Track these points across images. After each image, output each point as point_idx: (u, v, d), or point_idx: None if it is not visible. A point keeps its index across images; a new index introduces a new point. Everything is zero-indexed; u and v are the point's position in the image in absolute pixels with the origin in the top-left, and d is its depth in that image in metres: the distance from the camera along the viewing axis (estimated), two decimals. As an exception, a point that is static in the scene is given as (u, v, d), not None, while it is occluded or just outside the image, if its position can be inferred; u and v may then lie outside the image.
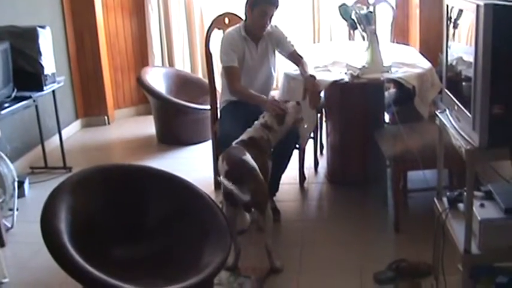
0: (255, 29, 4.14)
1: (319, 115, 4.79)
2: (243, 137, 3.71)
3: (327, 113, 4.78)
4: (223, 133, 4.12)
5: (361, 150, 4.56)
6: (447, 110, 2.84)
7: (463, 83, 2.62)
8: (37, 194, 4.79)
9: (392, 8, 5.62)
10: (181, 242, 3.09)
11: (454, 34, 2.73)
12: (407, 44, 5.84)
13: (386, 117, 4.81)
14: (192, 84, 6.36)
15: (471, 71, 2.37)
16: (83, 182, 3.07)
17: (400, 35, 6.11)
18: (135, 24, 6.79)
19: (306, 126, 4.18)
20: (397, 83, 4.26)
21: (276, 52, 4.33)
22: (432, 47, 5.25)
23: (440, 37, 5.21)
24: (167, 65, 6.88)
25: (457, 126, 2.62)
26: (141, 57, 6.86)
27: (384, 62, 4.18)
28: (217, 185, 4.55)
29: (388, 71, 4.15)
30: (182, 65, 6.95)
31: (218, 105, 4.51)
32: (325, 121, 4.92)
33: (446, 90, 2.79)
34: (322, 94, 4.17)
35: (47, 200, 2.84)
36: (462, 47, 2.65)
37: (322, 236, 4.01)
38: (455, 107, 2.60)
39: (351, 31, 4.50)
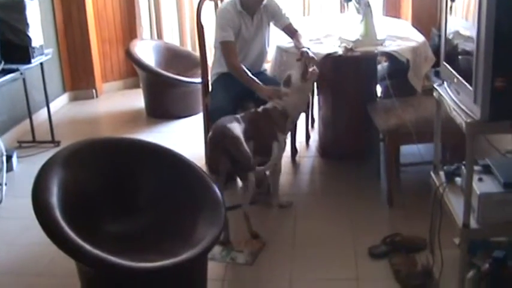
0: (252, 3, 4.07)
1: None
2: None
3: (319, 86, 4.72)
4: (214, 106, 4.07)
5: (353, 124, 4.52)
6: (445, 83, 2.80)
7: (460, 57, 2.57)
8: (25, 168, 4.74)
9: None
10: (175, 216, 3.05)
11: (451, 7, 2.67)
12: (399, 18, 5.79)
13: (379, 91, 4.75)
14: (182, 57, 6.28)
15: (469, 45, 2.33)
16: (74, 155, 3.01)
17: (392, 8, 6.06)
18: (123, -4, 6.69)
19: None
20: (390, 56, 4.21)
21: (271, 24, 4.25)
22: (425, 20, 5.22)
23: (432, 11, 5.29)
24: (156, 37, 6.79)
25: (456, 99, 2.58)
26: (129, 30, 6.77)
27: (377, 35, 4.13)
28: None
29: (381, 44, 4.10)
30: (171, 37, 6.87)
31: (209, 78, 4.44)
32: (317, 94, 4.87)
33: (445, 63, 2.74)
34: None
35: (38, 174, 2.78)
36: (459, 20, 2.60)
37: (315, 210, 3.98)
38: (455, 80, 2.56)
39: (344, 3, 4.44)
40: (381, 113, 3.95)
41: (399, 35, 4.32)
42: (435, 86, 2.86)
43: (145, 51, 6.02)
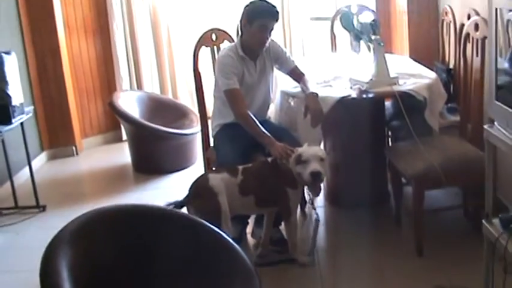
0: (254, 46, 3.79)
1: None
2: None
3: (325, 130, 4.42)
4: (222, 160, 3.76)
5: (366, 169, 4.24)
6: (496, 124, 2.54)
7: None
8: (9, 239, 4.35)
9: (376, 16, 5.33)
10: (200, 291, 2.71)
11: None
12: (392, 53, 5.57)
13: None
14: (166, 107, 5.99)
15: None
16: (82, 229, 2.65)
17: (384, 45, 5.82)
18: (99, 45, 6.38)
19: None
20: (394, 95, 3.95)
21: (275, 69, 3.98)
22: (423, 55, 4.99)
23: (430, 44, 5.09)
24: (135, 87, 6.48)
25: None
26: (108, 81, 6.45)
27: (390, 73, 3.87)
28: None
29: (395, 83, 3.84)
30: (151, 87, 6.56)
31: (210, 130, 4.13)
32: (323, 139, 4.57)
33: (497, 103, 2.48)
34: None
35: (44, 256, 2.41)
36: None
37: (340, 267, 3.66)
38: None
39: (354, 42, 4.18)
40: (405, 157, 3.68)
41: (409, 72, 4.09)
42: (486, 127, 2.59)
43: (129, 103, 5.70)
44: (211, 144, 4.12)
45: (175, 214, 2.93)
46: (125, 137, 6.17)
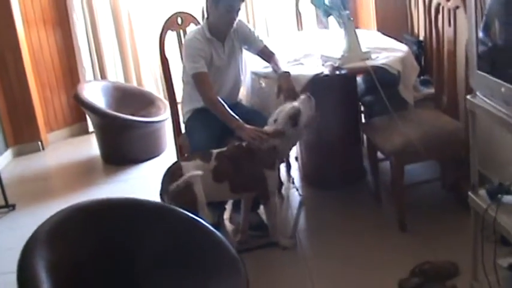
0: (222, 27, 3.68)
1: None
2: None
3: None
4: (195, 147, 3.65)
5: (341, 146, 4.18)
6: (479, 94, 2.48)
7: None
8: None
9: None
10: (185, 284, 2.62)
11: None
12: (359, 28, 5.50)
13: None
14: (132, 95, 5.85)
15: None
16: (58, 229, 2.53)
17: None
18: (60, 37, 6.19)
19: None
20: (365, 71, 3.89)
21: (243, 50, 3.88)
22: (391, 28, 4.90)
23: (399, 16, 5.02)
24: (99, 77, 6.32)
25: (506, 110, 2.25)
26: (71, 73, 6.28)
27: (362, 48, 3.80)
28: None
29: (368, 58, 3.77)
30: (115, 76, 6.41)
31: (181, 116, 4.03)
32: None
33: (480, 72, 2.41)
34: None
35: (20, 260, 2.31)
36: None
37: (324, 249, 3.59)
38: (502, 90, 2.23)
39: (323, 19, 4.11)
40: (382, 132, 3.62)
41: (381, 46, 4.02)
42: (468, 97, 2.53)
43: (94, 93, 5.54)
44: (183, 130, 4.01)
45: (152, 205, 2.83)
46: (91, 128, 6.03)
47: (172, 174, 3.33)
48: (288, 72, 3.65)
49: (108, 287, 2.58)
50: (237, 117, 3.54)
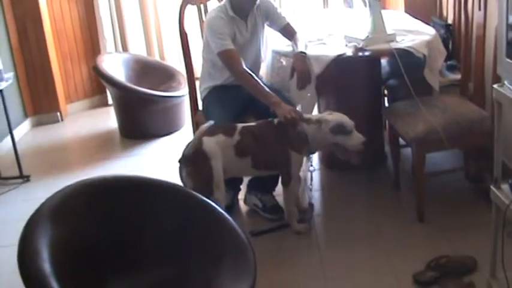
0: (245, 5, 3.57)
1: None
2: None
3: (319, 90, 4.23)
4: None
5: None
6: (507, 83, 2.35)
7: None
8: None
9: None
10: (192, 268, 2.54)
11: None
12: (386, 9, 5.34)
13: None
14: (153, 69, 5.76)
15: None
16: (64, 205, 2.47)
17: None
18: (82, 7, 6.08)
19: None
20: (389, 54, 3.75)
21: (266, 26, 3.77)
22: (419, 10, 4.75)
23: (426, -1, 4.86)
24: (121, 49, 6.23)
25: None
26: (92, 44, 6.18)
27: (387, 30, 3.66)
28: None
29: (393, 40, 3.64)
30: (137, 48, 6.31)
31: (198, 93, 3.93)
32: (318, 99, 4.38)
33: (509, 60, 2.28)
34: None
35: (23, 235, 2.24)
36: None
37: (338, 234, 3.50)
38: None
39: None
40: (404, 118, 3.49)
41: (407, 29, 3.87)
42: (495, 86, 2.40)
43: (114, 66, 5.46)
44: (200, 107, 3.92)
45: (161, 184, 2.74)
46: (110, 101, 5.94)
47: (192, 149, 3.28)
48: (304, 52, 3.54)
49: (113, 266, 2.51)
50: (271, 92, 3.44)
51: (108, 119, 5.81)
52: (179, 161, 3.32)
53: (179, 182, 3.79)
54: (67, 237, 2.38)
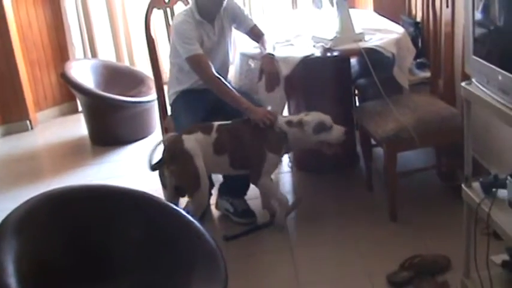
0: (211, 8, 3.53)
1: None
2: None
3: (289, 92, 4.19)
4: (181, 129, 3.50)
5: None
6: (474, 81, 2.33)
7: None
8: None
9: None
10: (161, 277, 2.50)
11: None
12: (354, 8, 5.32)
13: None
14: (122, 75, 5.67)
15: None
16: (29, 217, 2.41)
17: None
18: (49, 12, 5.97)
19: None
20: (358, 53, 3.73)
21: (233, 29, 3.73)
22: (388, 8, 4.73)
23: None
24: (90, 55, 6.15)
25: (502, 100, 2.10)
26: (60, 50, 6.08)
27: (355, 29, 3.64)
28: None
29: (361, 40, 3.62)
30: (106, 54, 6.23)
31: (166, 99, 3.89)
32: (287, 101, 4.34)
33: (476, 58, 2.26)
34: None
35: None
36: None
37: (311, 236, 3.47)
38: (499, 78, 2.08)
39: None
40: (374, 118, 3.48)
41: (376, 27, 3.86)
42: (463, 85, 2.38)
43: (83, 72, 5.38)
44: (169, 112, 3.87)
45: (128, 193, 2.70)
46: (81, 108, 5.86)
47: (173, 149, 3.29)
48: (272, 54, 3.52)
49: (81, 277, 2.46)
50: (243, 99, 3.43)
51: (78, 126, 5.73)
52: (159, 162, 3.32)
53: (151, 187, 3.76)
54: (33, 250, 2.33)
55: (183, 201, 3.47)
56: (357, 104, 4.39)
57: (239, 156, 3.35)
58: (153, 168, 3.34)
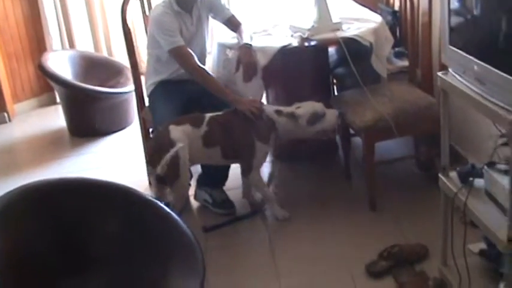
0: None
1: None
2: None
3: (267, 81, 4.18)
4: (159, 120, 3.49)
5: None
6: (451, 71, 2.34)
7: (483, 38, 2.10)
8: None
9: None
10: (140, 269, 2.49)
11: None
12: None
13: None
14: (100, 65, 5.62)
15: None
16: (6, 212, 2.40)
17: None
18: (25, 3, 5.87)
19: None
20: (336, 43, 3.72)
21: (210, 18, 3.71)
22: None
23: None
24: (67, 46, 6.08)
25: (479, 90, 2.10)
26: (37, 41, 6.00)
27: (332, 18, 3.63)
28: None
29: (339, 29, 3.61)
30: (84, 45, 6.17)
31: (144, 90, 3.87)
32: (265, 90, 4.33)
33: (452, 48, 2.27)
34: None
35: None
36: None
37: (289, 226, 3.46)
38: (475, 68, 2.09)
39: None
40: (352, 107, 3.47)
41: (353, 16, 3.84)
42: (440, 74, 2.38)
43: (60, 63, 5.33)
44: (147, 103, 3.85)
45: (105, 185, 2.69)
46: (59, 99, 5.81)
47: (160, 138, 3.32)
48: (250, 44, 3.50)
49: (61, 271, 2.45)
50: (228, 89, 3.46)
51: (57, 118, 5.67)
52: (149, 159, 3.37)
53: (130, 179, 3.76)
54: (11, 245, 2.32)
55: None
56: (336, 93, 4.37)
57: (231, 147, 3.35)
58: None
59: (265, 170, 3.94)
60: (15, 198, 2.46)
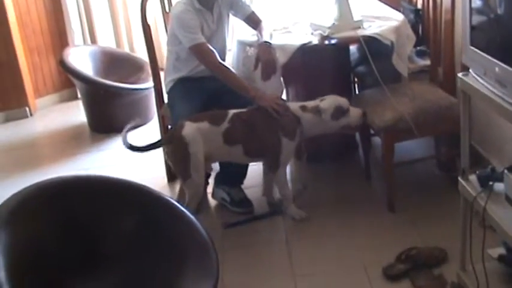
0: None
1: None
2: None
3: (287, 79, 4.14)
4: (177, 118, 3.47)
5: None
6: (472, 72, 2.28)
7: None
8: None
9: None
10: (153, 269, 2.48)
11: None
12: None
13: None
14: (122, 61, 5.63)
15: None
16: (21, 209, 2.40)
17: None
18: (48, -1, 5.94)
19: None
20: (357, 41, 3.67)
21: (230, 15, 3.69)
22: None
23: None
24: (89, 41, 6.10)
25: (500, 93, 2.05)
26: (59, 36, 6.03)
27: (354, 16, 3.59)
28: (172, 177, 3.96)
29: (359, 27, 3.57)
30: (105, 40, 6.18)
31: (163, 87, 3.85)
32: (285, 89, 4.30)
33: (473, 48, 2.21)
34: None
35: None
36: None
37: (306, 227, 3.43)
38: (496, 70, 2.04)
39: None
40: (372, 106, 3.43)
41: (374, 15, 3.79)
42: (460, 76, 2.33)
43: (81, 59, 5.34)
44: (166, 100, 3.84)
45: (121, 183, 2.68)
46: (79, 94, 5.83)
47: (173, 132, 3.36)
48: (269, 42, 3.47)
49: (74, 269, 2.45)
50: (252, 85, 3.43)
51: (77, 113, 5.70)
52: (155, 143, 3.41)
53: (148, 175, 3.75)
54: (25, 241, 2.32)
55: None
56: (357, 91, 4.33)
57: (254, 145, 3.32)
58: (140, 148, 3.46)
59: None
60: (30, 196, 2.46)
